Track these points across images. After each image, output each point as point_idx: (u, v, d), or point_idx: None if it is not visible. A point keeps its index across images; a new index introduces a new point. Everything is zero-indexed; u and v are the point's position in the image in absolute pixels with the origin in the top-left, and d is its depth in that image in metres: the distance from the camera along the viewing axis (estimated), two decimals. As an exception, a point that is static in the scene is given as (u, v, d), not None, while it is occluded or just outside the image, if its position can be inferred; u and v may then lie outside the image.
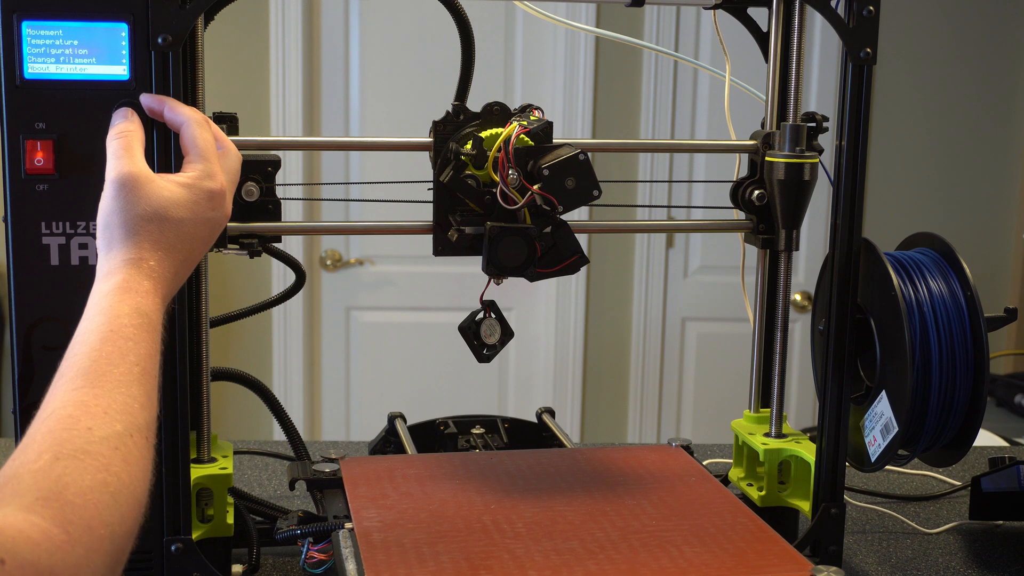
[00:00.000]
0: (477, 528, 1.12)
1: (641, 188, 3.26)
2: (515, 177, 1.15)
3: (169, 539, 1.13)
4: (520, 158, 1.15)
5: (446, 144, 1.18)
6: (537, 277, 1.21)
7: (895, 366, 1.19)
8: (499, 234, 1.17)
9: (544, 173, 1.14)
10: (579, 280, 3.34)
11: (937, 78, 3.43)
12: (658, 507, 1.19)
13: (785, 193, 1.25)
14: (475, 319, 1.25)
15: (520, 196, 1.16)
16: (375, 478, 1.24)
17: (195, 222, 0.95)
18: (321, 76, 3.21)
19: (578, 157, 1.15)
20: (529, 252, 1.18)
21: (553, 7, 1.41)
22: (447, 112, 1.19)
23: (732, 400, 3.32)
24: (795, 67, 1.27)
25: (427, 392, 3.31)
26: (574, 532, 1.12)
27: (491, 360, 1.26)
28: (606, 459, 1.33)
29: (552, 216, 1.17)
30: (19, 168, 1.05)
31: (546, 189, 1.15)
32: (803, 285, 3.44)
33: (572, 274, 1.22)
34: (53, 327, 1.08)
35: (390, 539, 1.09)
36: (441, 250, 1.21)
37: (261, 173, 1.18)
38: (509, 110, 1.20)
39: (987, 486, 1.45)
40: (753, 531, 1.14)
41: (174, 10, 1.06)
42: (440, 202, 1.20)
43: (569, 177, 1.15)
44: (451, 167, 1.17)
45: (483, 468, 1.29)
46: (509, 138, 1.15)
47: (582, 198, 1.16)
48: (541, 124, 1.17)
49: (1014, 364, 3.55)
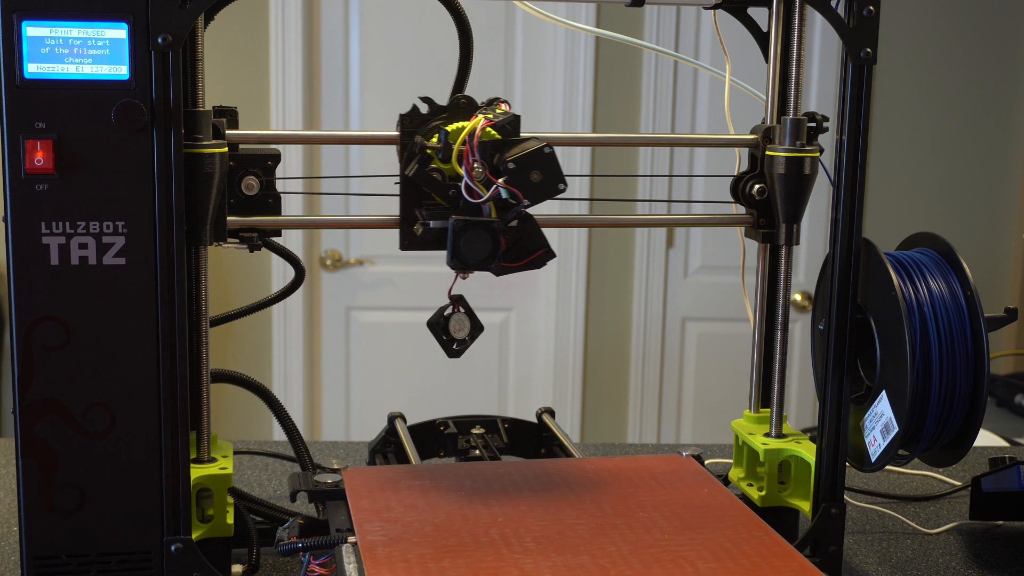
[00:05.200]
0: (484, 542, 1.09)
1: (641, 183, 3.26)
2: (480, 170, 1.14)
3: (169, 539, 1.13)
4: (486, 151, 1.14)
5: (412, 138, 1.17)
6: (503, 271, 1.18)
7: (895, 366, 1.19)
8: (463, 228, 1.15)
9: (509, 166, 1.14)
10: (579, 280, 3.34)
11: (937, 78, 3.43)
12: (670, 520, 1.16)
13: (786, 187, 1.25)
14: (443, 314, 1.23)
15: (485, 189, 1.15)
16: (378, 489, 1.21)
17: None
18: (321, 74, 3.21)
19: (543, 150, 1.14)
20: (493, 246, 1.16)
21: (553, 7, 1.41)
22: (413, 106, 1.18)
23: (732, 400, 3.32)
24: (795, 67, 1.27)
25: (427, 392, 3.31)
26: (584, 547, 1.09)
27: (461, 355, 1.24)
28: (615, 469, 1.30)
29: (521, 209, 1.16)
30: (19, 168, 1.05)
31: (511, 182, 1.14)
32: (803, 285, 3.44)
33: (538, 268, 1.20)
34: (53, 327, 1.08)
35: (395, 554, 1.05)
36: (407, 244, 1.19)
37: (261, 167, 1.18)
38: (476, 103, 1.19)
39: (987, 486, 1.45)
40: (770, 546, 1.11)
41: (174, 10, 1.06)
42: (407, 196, 1.18)
43: (535, 171, 1.15)
44: (416, 160, 1.16)
45: (489, 478, 1.25)
46: (474, 131, 1.14)
47: (548, 191, 1.15)
48: (508, 117, 1.16)
49: (1014, 364, 3.55)
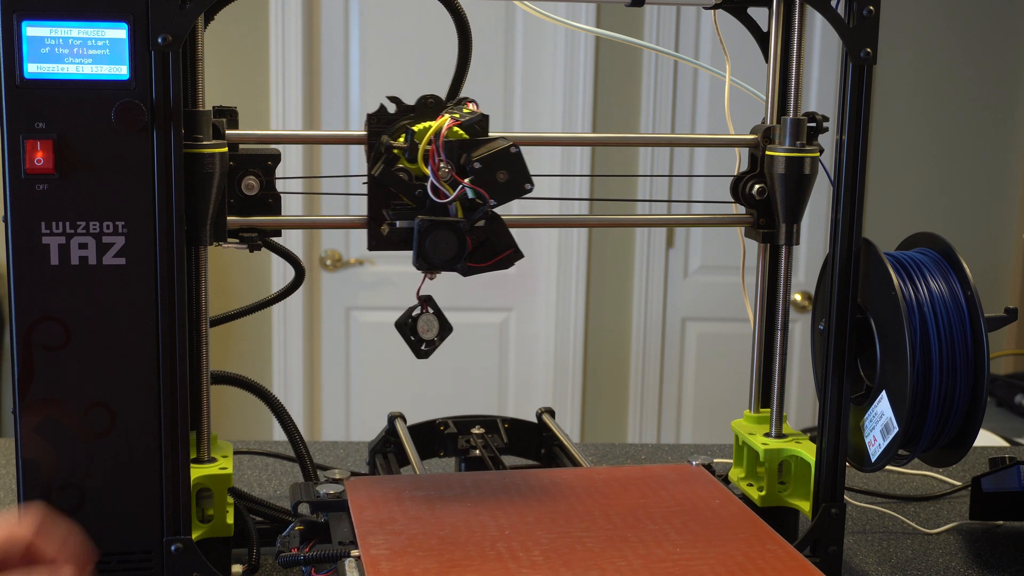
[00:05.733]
0: (491, 556, 1.06)
1: (641, 183, 3.26)
2: (446, 170, 1.13)
3: (169, 539, 1.12)
4: (453, 151, 1.13)
5: (379, 137, 1.16)
6: (469, 272, 1.17)
7: (895, 366, 1.19)
8: (428, 228, 1.14)
9: (475, 166, 1.13)
10: (579, 280, 3.34)
11: (937, 78, 3.43)
12: (682, 533, 1.13)
13: (786, 187, 1.25)
14: (411, 315, 1.22)
15: (451, 189, 1.14)
16: (382, 500, 1.18)
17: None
18: (321, 74, 3.21)
19: (509, 150, 1.13)
20: (459, 246, 1.15)
21: (553, 7, 1.41)
22: (381, 105, 1.18)
23: (732, 400, 3.32)
24: (795, 67, 1.27)
25: (427, 392, 3.31)
26: (594, 560, 1.06)
27: (429, 356, 1.23)
28: (624, 479, 1.27)
29: (487, 209, 1.15)
30: (19, 168, 1.05)
31: (477, 182, 1.13)
32: (803, 285, 3.44)
33: (505, 269, 1.19)
34: (53, 327, 1.08)
35: (399, 568, 1.03)
36: (375, 244, 1.19)
37: (261, 167, 1.18)
38: (443, 103, 1.18)
39: (987, 486, 1.45)
40: (784, 559, 1.08)
41: (174, 10, 1.06)
42: (374, 196, 1.18)
43: (501, 170, 1.14)
44: (382, 160, 1.15)
45: (496, 488, 1.23)
46: (439, 131, 1.13)
47: (514, 192, 1.14)
48: (475, 117, 1.14)
49: (1014, 364, 3.55)
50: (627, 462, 1.77)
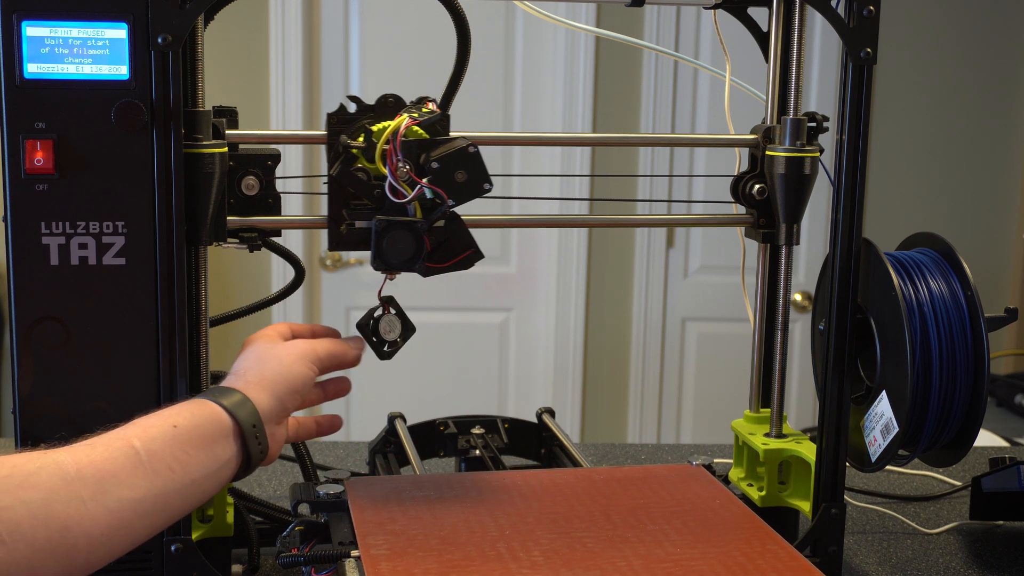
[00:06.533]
0: (492, 556, 1.06)
1: (641, 183, 3.26)
2: (404, 170, 1.13)
3: (169, 539, 1.12)
4: (411, 151, 1.13)
5: (338, 137, 1.16)
6: (429, 272, 1.17)
7: (895, 366, 1.19)
8: (385, 228, 1.14)
9: (433, 166, 1.13)
10: (579, 280, 3.34)
11: (937, 78, 3.43)
12: (682, 533, 1.13)
13: (786, 187, 1.25)
14: (373, 316, 1.21)
15: (410, 189, 1.13)
16: (382, 500, 1.18)
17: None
18: (321, 74, 3.21)
19: (468, 149, 1.13)
20: (417, 247, 1.14)
21: (553, 7, 1.41)
22: (340, 104, 1.17)
23: (732, 400, 3.32)
24: (795, 67, 1.27)
25: (427, 392, 3.31)
26: (595, 561, 1.06)
27: (392, 357, 1.22)
28: (624, 479, 1.27)
29: (445, 210, 1.14)
30: (19, 168, 1.05)
31: (435, 182, 1.13)
32: (803, 285, 3.44)
33: (465, 269, 1.18)
34: (53, 327, 1.08)
35: (399, 568, 1.02)
36: (335, 244, 1.18)
37: (261, 167, 1.17)
38: (403, 102, 1.18)
39: (987, 486, 1.45)
40: (785, 560, 1.08)
41: (174, 10, 1.05)
42: (334, 196, 1.17)
43: (459, 170, 1.13)
44: (340, 160, 1.15)
45: (496, 489, 1.23)
46: (397, 130, 1.13)
47: (473, 191, 1.14)
48: (434, 116, 1.14)
49: (1014, 364, 3.55)
50: (627, 462, 1.77)
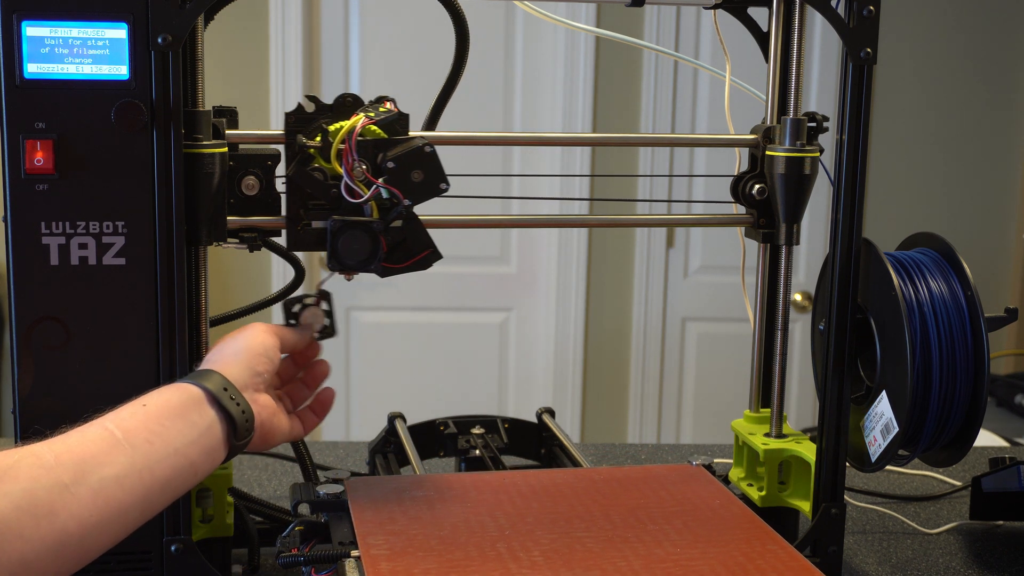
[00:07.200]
0: (491, 556, 1.06)
1: (641, 183, 3.26)
2: (360, 170, 1.12)
3: (169, 539, 1.12)
4: (369, 151, 1.13)
5: (295, 136, 1.15)
6: (386, 272, 1.16)
7: (895, 366, 1.19)
8: (341, 228, 1.13)
9: (389, 166, 1.12)
10: (579, 280, 3.34)
11: (938, 78, 3.43)
12: (682, 533, 1.13)
13: (786, 187, 1.25)
14: (303, 301, 1.20)
15: (366, 189, 1.13)
16: (382, 500, 1.18)
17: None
18: (321, 74, 3.21)
19: (424, 149, 1.13)
20: (373, 247, 1.14)
21: (553, 7, 1.41)
22: (298, 104, 1.17)
23: (732, 400, 3.32)
24: (795, 67, 1.27)
25: (427, 392, 3.31)
26: (595, 561, 1.06)
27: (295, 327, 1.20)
28: (624, 480, 1.27)
29: (403, 210, 1.14)
30: (19, 168, 1.05)
31: (391, 182, 1.13)
32: (803, 285, 3.44)
33: (423, 269, 1.18)
34: (53, 327, 1.08)
35: (399, 568, 1.02)
36: (293, 244, 1.18)
37: (261, 167, 1.17)
38: (361, 101, 1.17)
39: (987, 486, 1.45)
40: (785, 560, 1.08)
41: (174, 10, 1.05)
42: (292, 196, 1.17)
43: (416, 170, 1.13)
44: (296, 160, 1.14)
45: (496, 489, 1.22)
46: (353, 129, 1.12)
47: (430, 191, 1.14)
48: (392, 116, 1.14)
49: (1014, 364, 3.55)
50: (627, 462, 1.77)
